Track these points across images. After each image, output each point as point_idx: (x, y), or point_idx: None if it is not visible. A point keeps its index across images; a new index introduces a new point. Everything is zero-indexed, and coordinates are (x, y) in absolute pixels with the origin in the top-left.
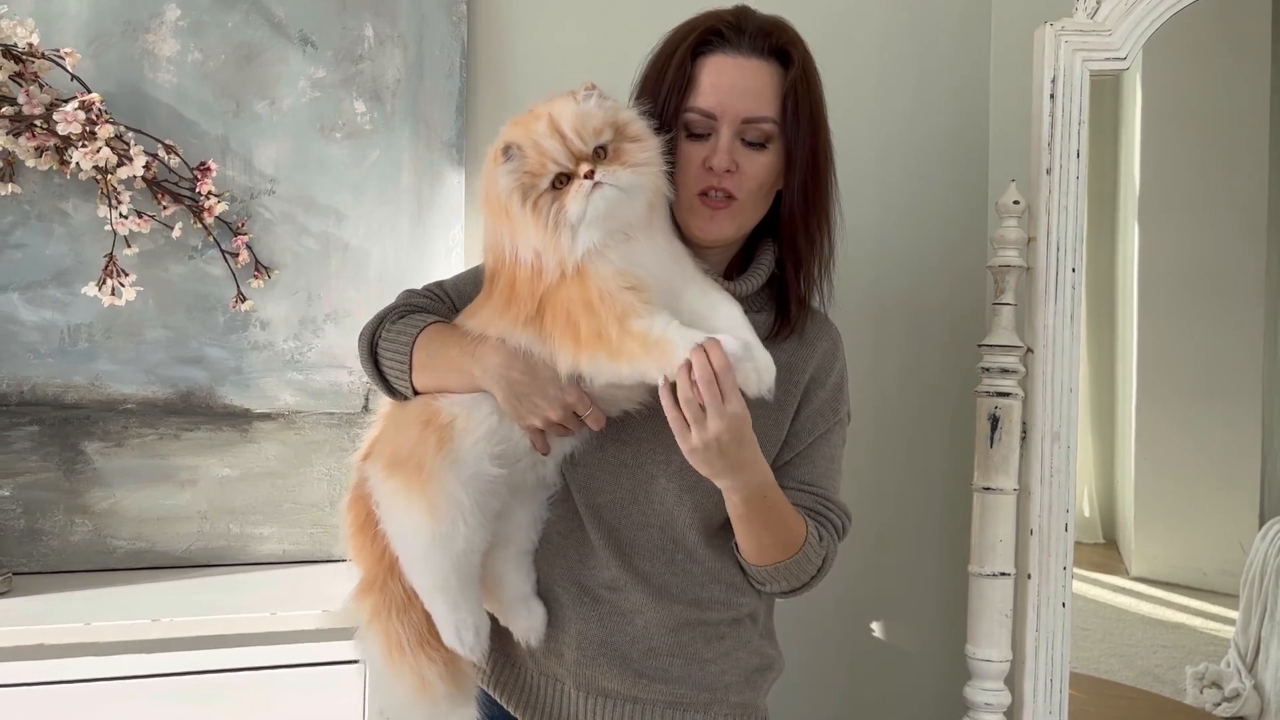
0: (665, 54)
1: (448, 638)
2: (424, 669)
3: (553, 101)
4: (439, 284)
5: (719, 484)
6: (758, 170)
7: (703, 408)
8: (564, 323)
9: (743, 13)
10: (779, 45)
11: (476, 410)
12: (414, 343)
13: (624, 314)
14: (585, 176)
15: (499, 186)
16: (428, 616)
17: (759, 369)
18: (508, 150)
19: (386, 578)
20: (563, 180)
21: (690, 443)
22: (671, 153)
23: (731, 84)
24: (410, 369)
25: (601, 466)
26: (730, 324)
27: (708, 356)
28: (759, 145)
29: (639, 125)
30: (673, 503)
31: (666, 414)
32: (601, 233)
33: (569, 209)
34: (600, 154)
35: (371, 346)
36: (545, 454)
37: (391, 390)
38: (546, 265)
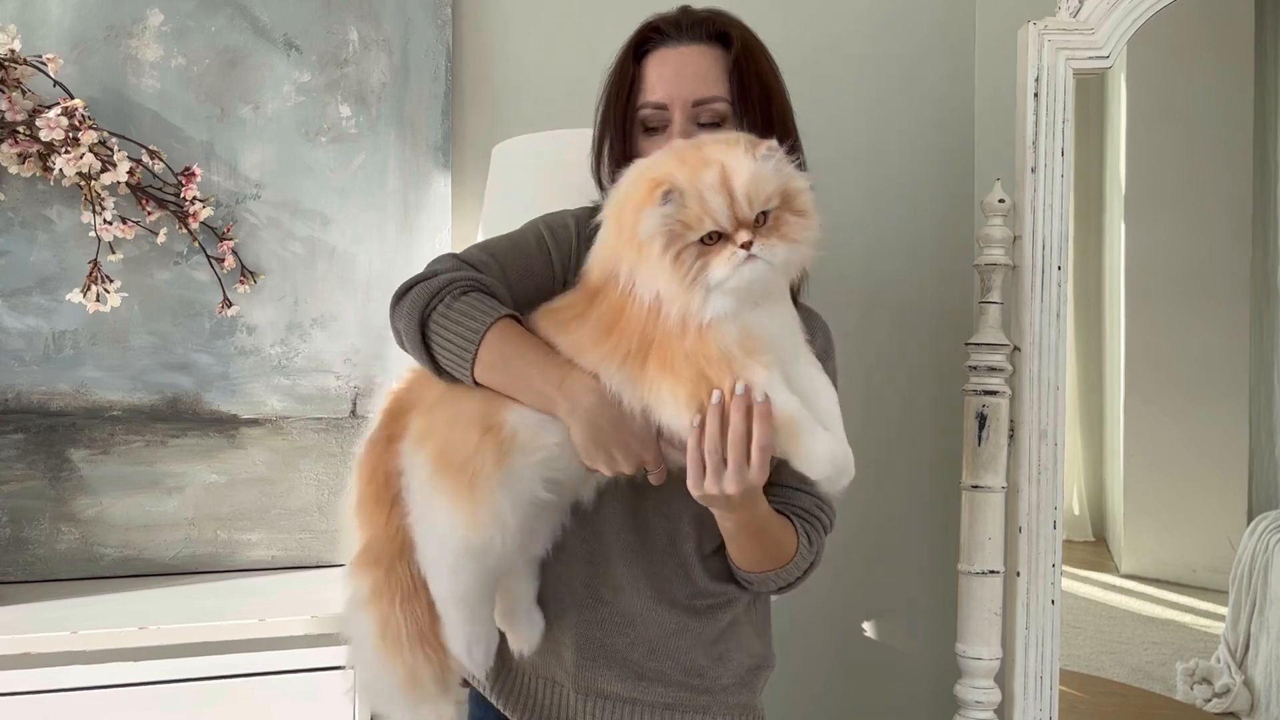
0: (614, 64)
1: (457, 648)
2: (419, 667)
3: (728, 148)
4: (483, 248)
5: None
6: None
7: (724, 461)
8: (676, 374)
9: (679, 10)
10: (717, 29)
11: (544, 433)
12: (483, 337)
13: (738, 379)
14: (742, 245)
15: (645, 225)
16: (432, 612)
17: (846, 476)
18: (668, 194)
19: (395, 561)
20: (713, 237)
21: (701, 489)
22: (633, 156)
23: (676, 72)
24: (474, 361)
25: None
26: (828, 417)
27: (748, 416)
28: (714, 126)
29: (807, 199)
30: (678, 510)
31: (689, 453)
32: (735, 302)
33: (713, 271)
34: (761, 219)
35: (422, 320)
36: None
37: (439, 370)
38: (667, 313)
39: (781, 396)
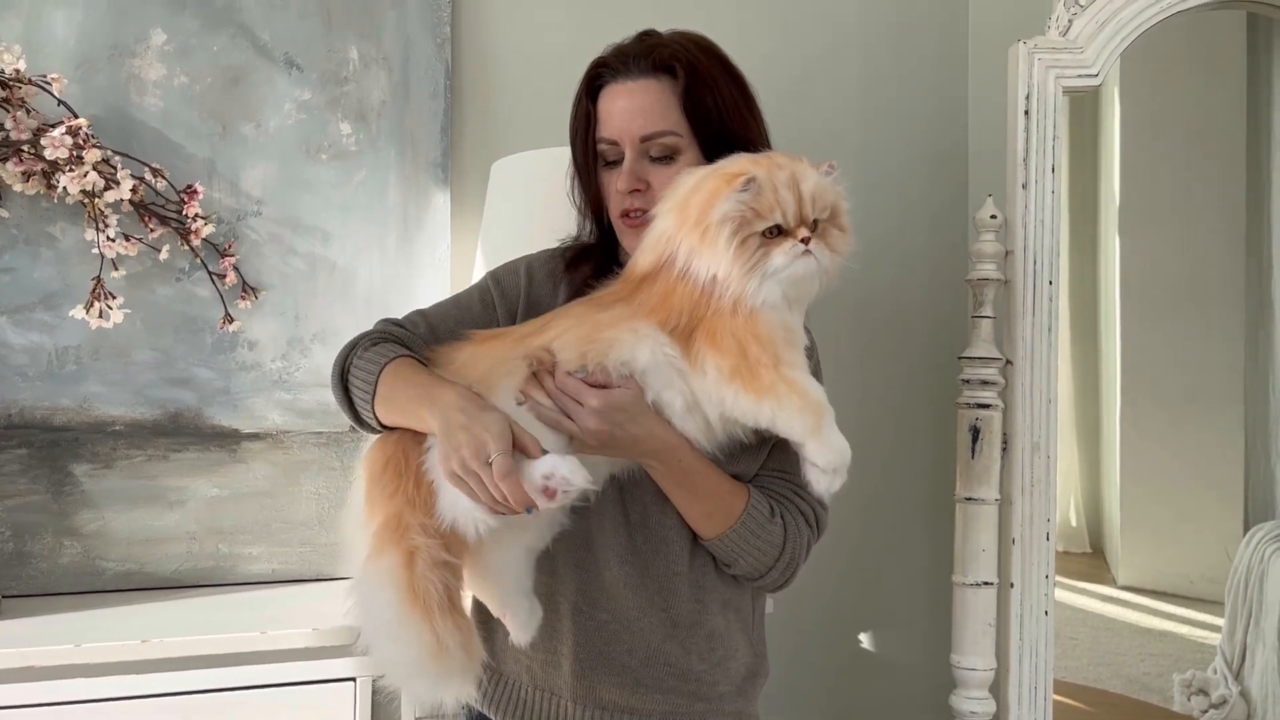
0: (574, 100)
1: (496, 607)
2: (446, 633)
3: (795, 161)
4: (420, 312)
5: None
6: (666, 184)
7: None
8: (721, 349)
9: (626, 43)
10: (661, 60)
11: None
12: (379, 374)
13: (779, 361)
14: (802, 240)
15: (719, 208)
16: (459, 580)
17: (843, 475)
18: (749, 182)
19: (423, 528)
20: (773, 232)
21: (578, 427)
22: (597, 187)
23: (624, 108)
24: (373, 398)
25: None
26: None
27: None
28: (666, 159)
29: (847, 218)
30: (669, 510)
31: (556, 400)
32: (782, 292)
33: (774, 259)
34: (814, 226)
35: (343, 372)
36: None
37: (360, 420)
38: (721, 294)
39: (814, 386)
